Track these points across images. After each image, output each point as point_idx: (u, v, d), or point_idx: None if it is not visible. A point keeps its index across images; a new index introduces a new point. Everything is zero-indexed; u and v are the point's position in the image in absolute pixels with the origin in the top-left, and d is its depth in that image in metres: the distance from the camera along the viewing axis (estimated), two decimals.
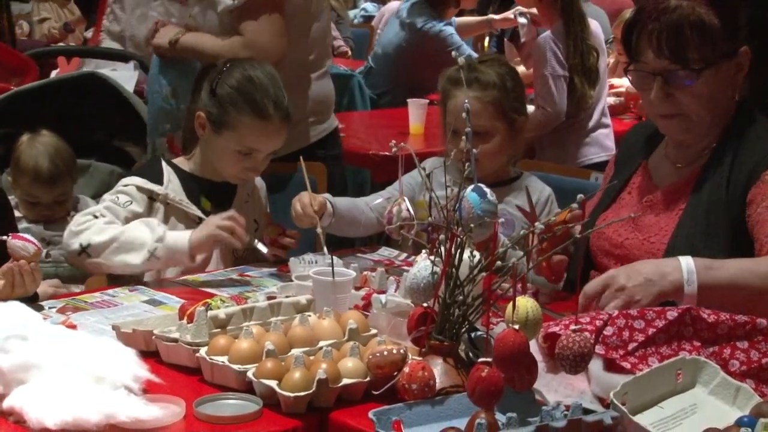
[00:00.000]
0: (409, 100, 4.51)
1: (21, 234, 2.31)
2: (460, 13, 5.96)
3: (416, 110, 4.40)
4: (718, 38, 2.25)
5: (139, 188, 2.57)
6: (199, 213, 2.59)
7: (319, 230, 2.52)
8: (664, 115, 2.31)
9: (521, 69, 5.05)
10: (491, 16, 5.68)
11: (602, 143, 4.27)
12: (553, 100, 4.10)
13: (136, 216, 2.54)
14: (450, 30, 5.29)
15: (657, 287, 2.03)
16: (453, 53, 2.15)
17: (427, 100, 4.41)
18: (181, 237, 2.48)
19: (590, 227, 2.12)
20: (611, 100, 4.92)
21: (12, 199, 2.96)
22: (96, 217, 2.49)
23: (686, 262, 2.07)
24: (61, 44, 5.74)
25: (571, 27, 4.19)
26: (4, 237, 2.27)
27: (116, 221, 2.50)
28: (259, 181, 2.78)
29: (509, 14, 5.34)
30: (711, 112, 2.30)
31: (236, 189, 2.68)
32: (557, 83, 4.11)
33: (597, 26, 4.41)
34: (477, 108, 2.68)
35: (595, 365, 1.79)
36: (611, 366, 1.82)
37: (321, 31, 3.26)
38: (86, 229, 2.45)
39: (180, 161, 2.69)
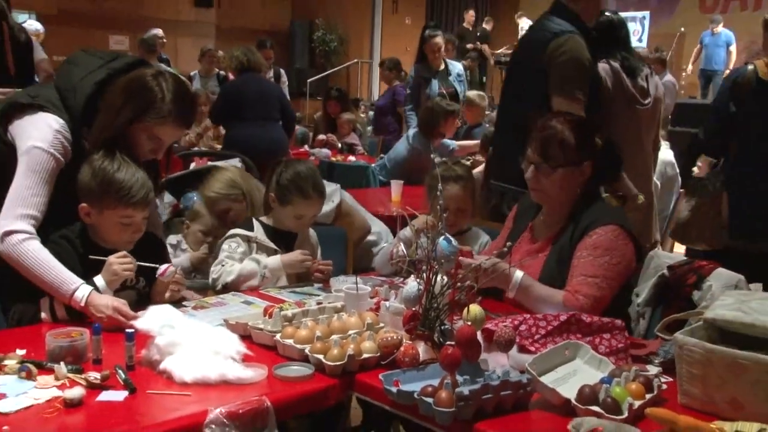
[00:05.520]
0: (391, 181, 4.60)
1: (162, 267, 2.25)
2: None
3: (396, 187, 4.51)
4: (570, 151, 2.32)
5: (241, 236, 2.71)
6: (275, 248, 2.70)
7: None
8: (533, 188, 2.40)
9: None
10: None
11: None
12: None
13: (243, 253, 2.66)
14: (433, 151, 5.07)
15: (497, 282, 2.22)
16: (434, 158, 2.31)
17: (402, 181, 4.50)
18: (276, 261, 2.64)
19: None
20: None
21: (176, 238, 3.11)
22: (223, 265, 2.64)
23: (517, 277, 2.24)
24: (195, 148, 5.84)
25: None
26: (159, 274, 2.25)
27: (236, 262, 2.64)
28: (312, 232, 2.87)
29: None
30: (561, 195, 2.37)
31: (297, 235, 2.80)
32: None
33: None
34: (462, 194, 2.83)
35: (513, 348, 1.86)
36: (523, 349, 1.89)
37: None
38: (221, 274, 2.61)
39: (263, 219, 2.80)
